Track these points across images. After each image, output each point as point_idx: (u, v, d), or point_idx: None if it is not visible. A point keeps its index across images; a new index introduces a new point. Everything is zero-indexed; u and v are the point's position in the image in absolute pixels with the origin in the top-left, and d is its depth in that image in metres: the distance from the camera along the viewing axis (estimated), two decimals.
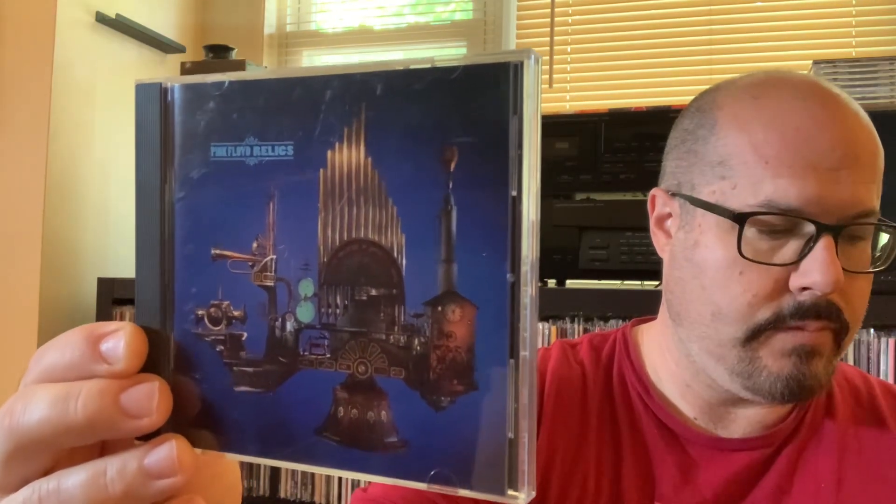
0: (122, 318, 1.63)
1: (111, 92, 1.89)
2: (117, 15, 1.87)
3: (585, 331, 1.35)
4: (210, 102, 0.28)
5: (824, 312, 0.59)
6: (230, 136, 0.28)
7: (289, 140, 0.27)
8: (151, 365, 0.29)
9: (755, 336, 0.60)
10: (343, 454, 0.27)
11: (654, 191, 0.69)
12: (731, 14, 1.91)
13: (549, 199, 1.44)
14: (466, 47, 2.11)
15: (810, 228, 0.58)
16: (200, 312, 0.29)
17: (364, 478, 0.28)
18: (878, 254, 0.63)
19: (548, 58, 1.99)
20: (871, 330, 1.24)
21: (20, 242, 1.70)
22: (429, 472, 0.26)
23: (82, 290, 1.78)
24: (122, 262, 1.90)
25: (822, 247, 0.57)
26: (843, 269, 0.58)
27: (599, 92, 1.96)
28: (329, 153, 0.27)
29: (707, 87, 0.69)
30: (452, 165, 0.25)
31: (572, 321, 1.35)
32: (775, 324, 0.59)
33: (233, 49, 1.83)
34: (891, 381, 1.21)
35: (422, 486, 0.27)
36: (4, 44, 1.75)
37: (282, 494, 1.51)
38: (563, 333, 1.36)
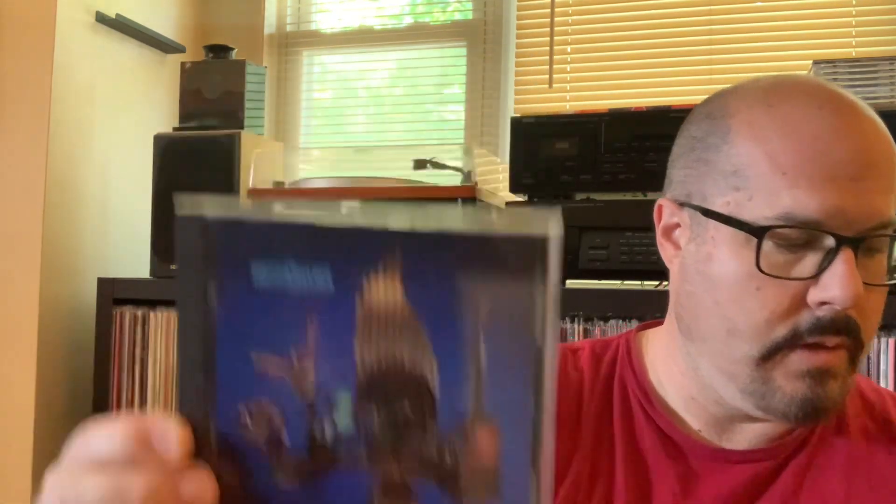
0: (122, 319, 1.63)
1: (111, 92, 1.89)
2: (117, 15, 1.87)
3: (585, 331, 1.35)
4: (252, 235, 0.31)
5: (843, 328, 0.57)
6: (270, 261, 0.30)
7: (327, 268, 0.29)
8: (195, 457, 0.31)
9: (771, 355, 0.58)
10: None
11: (660, 200, 0.66)
12: (731, 14, 1.91)
13: (548, 199, 1.44)
14: (466, 47, 2.11)
15: (829, 242, 0.56)
16: (243, 413, 0.31)
17: None
18: (894, 264, 0.61)
19: (548, 58, 1.99)
20: None
21: (20, 242, 1.70)
22: None
23: (82, 290, 1.78)
24: (122, 262, 1.90)
25: (843, 260, 0.55)
26: (864, 280, 0.56)
27: (599, 92, 1.96)
28: (365, 282, 0.29)
29: (708, 90, 0.67)
30: (482, 312, 0.28)
31: (572, 321, 1.35)
32: (792, 341, 0.57)
33: (233, 49, 1.83)
34: (891, 381, 1.21)
35: None
36: (4, 44, 1.75)
37: None
38: (563, 333, 1.36)
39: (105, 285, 1.65)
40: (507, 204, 1.48)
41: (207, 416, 0.31)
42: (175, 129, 1.78)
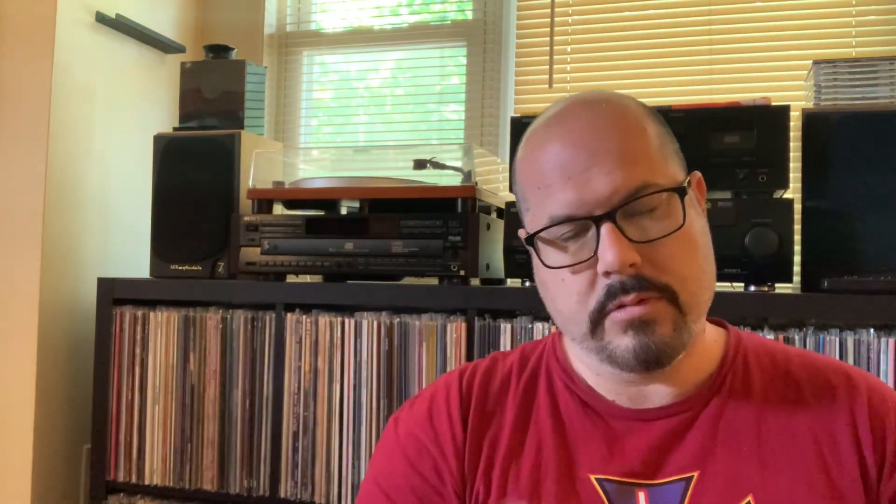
0: (121, 318, 1.63)
1: (111, 92, 1.89)
2: (117, 15, 1.87)
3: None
4: None
5: (630, 286, 0.67)
6: None
7: None
8: None
9: (595, 326, 0.69)
10: None
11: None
12: (731, 14, 1.91)
13: None
14: (466, 47, 2.11)
15: (592, 226, 0.68)
16: None
17: None
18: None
19: (548, 58, 1.99)
20: (871, 330, 1.24)
21: (20, 242, 1.70)
22: None
23: (82, 290, 1.78)
24: (122, 262, 1.91)
25: (604, 234, 0.67)
26: (637, 241, 0.67)
27: None
28: None
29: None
30: None
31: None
32: (601, 311, 0.68)
33: (233, 49, 1.83)
34: (891, 381, 1.21)
35: None
36: (4, 44, 1.75)
37: (282, 494, 1.51)
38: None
39: (105, 285, 1.65)
40: (507, 204, 1.48)
41: None
42: (175, 129, 1.78)
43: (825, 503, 0.67)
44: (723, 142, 1.38)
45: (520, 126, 1.47)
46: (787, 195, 1.41)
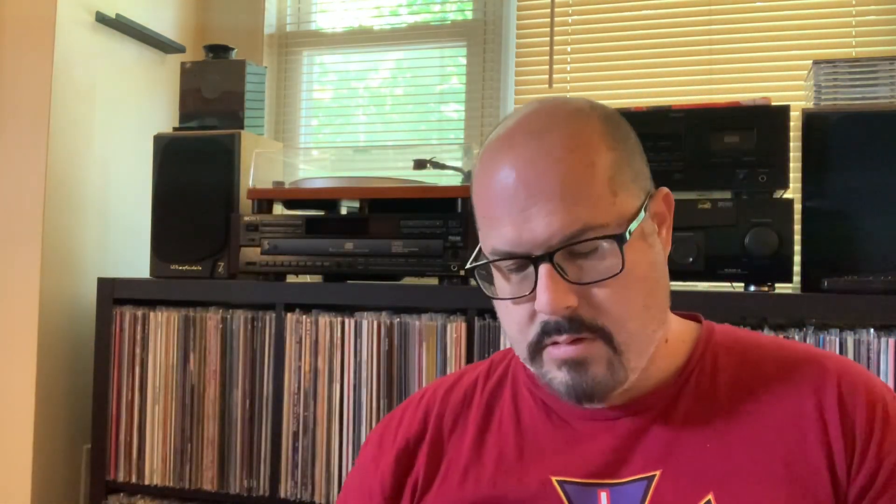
0: (121, 318, 1.63)
1: (111, 92, 1.89)
2: (117, 15, 1.87)
3: None
4: None
5: (565, 327, 0.67)
6: None
7: None
8: None
9: (533, 355, 0.70)
10: None
11: None
12: (731, 14, 1.91)
13: None
14: (466, 47, 2.11)
15: (530, 265, 0.67)
16: None
17: None
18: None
19: (548, 58, 1.99)
20: (871, 330, 1.24)
21: (20, 242, 1.70)
22: None
23: (82, 290, 1.78)
24: (122, 262, 1.91)
25: (541, 274, 0.66)
26: (575, 282, 0.66)
27: (599, 92, 1.96)
28: None
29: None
30: None
31: None
32: (539, 344, 0.69)
33: (233, 49, 1.83)
34: (891, 381, 1.21)
35: None
36: (4, 44, 1.75)
37: (282, 494, 1.51)
38: None
39: (105, 285, 1.65)
40: None
41: None
42: (175, 129, 1.78)
43: (789, 500, 0.66)
44: (723, 142, 1.39)
45: None
46: (788, 195, 1.41)
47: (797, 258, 1.38)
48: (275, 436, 1.52)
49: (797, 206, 1.38)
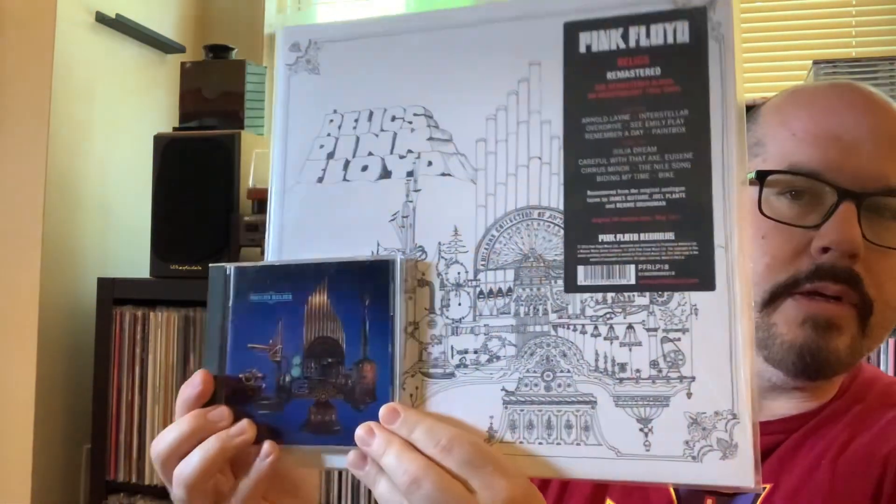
0: (121, 318, 1.63)
1: (111, 92, 1.89)
2: (117, 15, 1.87)
3: None
4: (251, 276, 0.55)
5: (842, 276, 0.59)
6: (261, 290, 0.55)
7: (289, 291, 0.54)
8: (211, 402, 0.55)
9: (772, 300, 0.61)
10: (313, 438, 0.52)
11: None
12: None
13: None
14: None
15: (833, 197, 0.60)
16: (241, 376, 0.55)
17: (322, 448, 0.52)
18: None
19: None
20: None
21: (20, 242, 1.70)
22: (353, 441, 0.50)
23: (82, 290, 1.78)
24: (122, 262, 1.91)
25: (842, 210, 0.59)
26: (868, 240, 0.59)
27: None
28: (309, 297, 0.54)
29: None
30: (367, 302, 0.52)
31: None
32: (791, 287, 0.61)
33: (233, 49, 1.84)
34: None
35: (350, 446, 0.50)
36: (4, 44, 1.75)
37: None
38: None
39: (105, 285, 1.65)
40: None
41: (222, 379, 0.55)
42: (175, 129, 1.78)
43: None
44: None
45: None
46: None
47: None
48: None
49: None
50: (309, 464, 0.53)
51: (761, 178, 0.63)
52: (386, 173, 0.55)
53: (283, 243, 0.57)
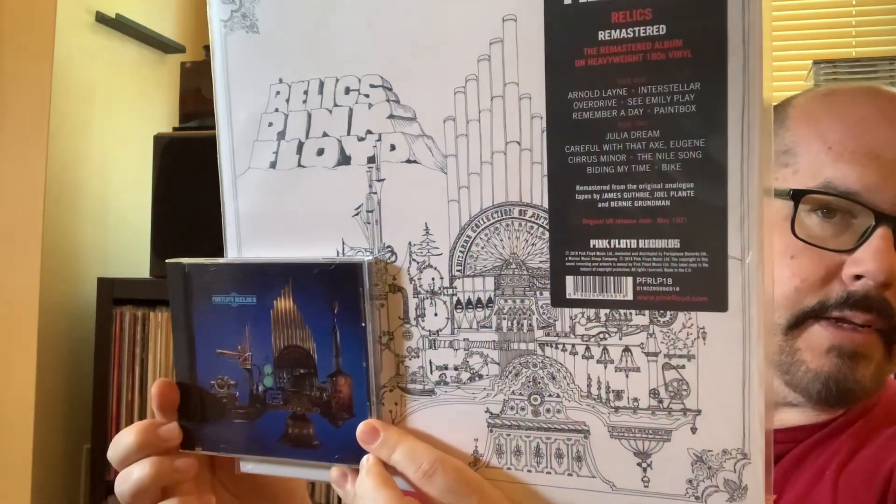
0: (121, 318, 1.63)
1: (111, 92, 1.89)
2: (117, 15, 1.87)
3: None
4: (210, 274, 0.52)
5: (875, 305, 0.57)
6: (222, 291, 0.51)
7: (252, 293, 0.50)
8: (184, 409, 0.53)
9: (797, 324, 0.59)
10: (292, 451, 0.50)
11: None
12: None
13: None
14: None
15: (868, 219, 0.57)
16: (212, 382, 0.52)
17: (299, 463, 0.50)
18: None
19: None
20: None
21: (20, 242, 1.70)
22: (333, 457, 0.49)
23: (82, 290, 1.78)
24: (122, 262, 1.90)
25: (879, 235, 0.56)
26: None
27: None
28: (275, 301, 0.49)
29: None
30: (336, 309, 0.48)
31: None
32: (819, 312, 0.58)
33: None
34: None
35: (330, 463, 0.49)
36: (4, 44, 1.75)
37: None
38: None
39: (105, 285, 1.65)
40: None
41: (194, 386, 0.52)
42: (175, 129, 1.78)
43: None
44: None
45: None
46: None
47: None
48: None
49: None
50: (284, 473, 0.52)
51: (796, 198, 0.59)
52: (345, 158, 0.48)
53: (241, 237, 0.51)
